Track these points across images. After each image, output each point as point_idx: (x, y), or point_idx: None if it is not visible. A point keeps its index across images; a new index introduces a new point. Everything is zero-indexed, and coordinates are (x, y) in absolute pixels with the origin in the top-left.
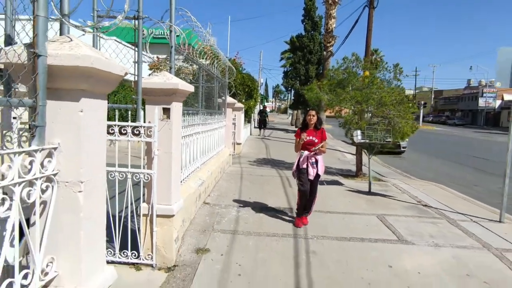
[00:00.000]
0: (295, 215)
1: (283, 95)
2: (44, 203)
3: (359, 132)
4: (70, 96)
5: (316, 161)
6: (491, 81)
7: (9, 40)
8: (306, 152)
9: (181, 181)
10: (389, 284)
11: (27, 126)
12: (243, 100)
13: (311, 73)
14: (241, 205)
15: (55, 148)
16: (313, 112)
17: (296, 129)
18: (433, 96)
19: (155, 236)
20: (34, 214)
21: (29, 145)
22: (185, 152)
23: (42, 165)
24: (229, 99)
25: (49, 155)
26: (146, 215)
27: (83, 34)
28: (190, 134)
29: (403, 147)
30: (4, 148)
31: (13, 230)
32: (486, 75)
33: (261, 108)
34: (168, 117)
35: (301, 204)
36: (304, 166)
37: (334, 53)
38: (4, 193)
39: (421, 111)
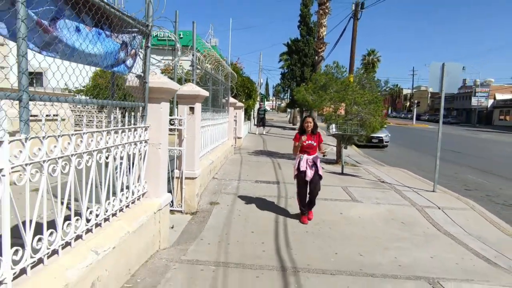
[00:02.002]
0: (279, 182)
1: (283, 94)
2: (144, 153)
3: (333, 125)
4: (157, 101)
5: (315, 163)
6: (485, 80)
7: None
8: (305, 156)
9: (199, 157)
10: (337, 222)
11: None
12: (243, 100)
13: (306, 75)
14: (241, 179)
15: (148, 127)
16: (310, 119)
17: (292, 125)
18: (429, 95)
19: (184, 191)
20: (141, 158)
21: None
22: (201, 138)
23: (144, 134)
24: (231, 99)
25: (146, 129)
26: (178, 177)
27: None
28: (204, 126)
29: (386, 142)
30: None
31: (135, 166)
32: (479, 75)
33: (259, 106)
34: (193, 112)
35: (300, 203)
36: (304, 168)
37: (325, 58)
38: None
39: (414, 110)
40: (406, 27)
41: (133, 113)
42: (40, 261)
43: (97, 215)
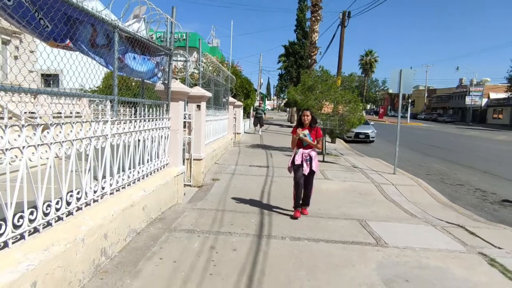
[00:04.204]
0: (268, 166)
1: (283, 94)
2: (167, 136)
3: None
4: (176, 100)
5: (311, 158)
6: (482, 79)
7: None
8: (301, 150)
9: (205, 145)
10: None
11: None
12: (242, 100)
13: (302, 76)
14: (238, 164)
15: (170, 117)
16: (308, 112)
17: (290, 123)
18: (426, 95)
19: (192, 170)
20: (166, 138)
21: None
22: (205, 130)
23: (167, 122)
24: (231, 99)
25: (169, 119)
26: (188, 159)
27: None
28: (207, 120)
29: (372, 137)
30: (150, 118)
31: (160, 145)
32: (476, 75)
33: (258, 105)
34: (199, 109)
35: (296, 196)
36: (299, 162)
37: (317, 61)
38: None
39: (409, 109)
40: (404, 27)
41: (161, 108)
42: (118, 190)
43: (143, 170)
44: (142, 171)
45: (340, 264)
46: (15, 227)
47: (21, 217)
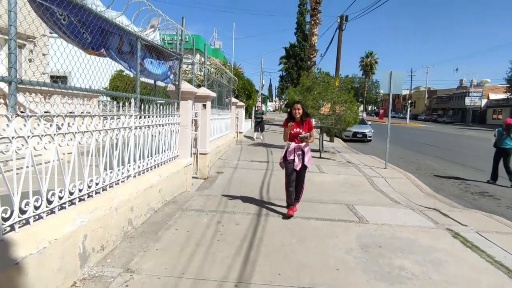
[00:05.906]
0: (268, 162)
1: (284, 95)
2: (177, 130)
3: (313, 120)
4: (185, 99)
5: (303, 153)
6: (482, 80)
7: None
8: (293, 144)
9: (209, 141)
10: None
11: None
12: (244, 100)
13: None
14: (240, 159)
15: (180, 114)
16: (299, 106)
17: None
18: (427, 96)
19: (198, 163)
20: (176, 133)
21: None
22: (210, 127)
23: (178, 119)
24: (233, 100)
25: (179, 116)
26: (195, 153)
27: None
28: (212, 119)
29: (369, 137)
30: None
31: (171, 139)
32: (476, 76)
33: (256, 108)
34: (205, 108)
35: (288, 193)
36: (291, 157)
37: (317, 63)
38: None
39: (408, 109)
40: (405, 29)
41: (172, 106)
42: (139, 174)
43: (158, 159)
44: (158, 159)
45: (326, 235)
46: (70, 193)
47: (74, 186)
